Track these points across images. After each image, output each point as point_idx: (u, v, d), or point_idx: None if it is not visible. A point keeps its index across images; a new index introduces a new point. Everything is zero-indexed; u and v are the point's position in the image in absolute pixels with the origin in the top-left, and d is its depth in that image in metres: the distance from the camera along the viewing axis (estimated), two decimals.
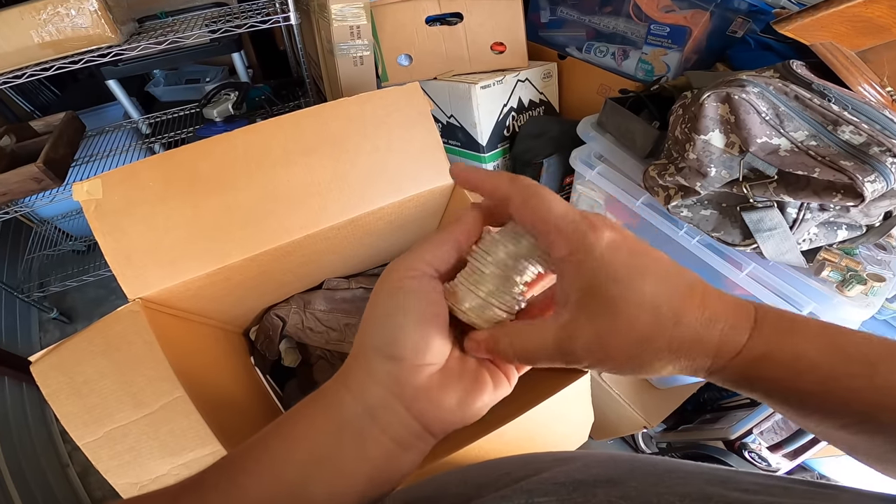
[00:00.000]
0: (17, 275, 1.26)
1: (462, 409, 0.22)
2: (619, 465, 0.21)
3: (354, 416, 0.22)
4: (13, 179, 0.89)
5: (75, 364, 0.42)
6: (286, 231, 0.51)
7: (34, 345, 1.24)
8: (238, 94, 1.00)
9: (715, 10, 0.71)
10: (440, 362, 0.22)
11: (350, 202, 0.53)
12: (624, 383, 0.83)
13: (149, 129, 1.26)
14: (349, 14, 0.74)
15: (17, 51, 0.81)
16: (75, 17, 0.80)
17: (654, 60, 0.78)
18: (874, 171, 0.47)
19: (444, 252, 0.23)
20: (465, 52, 0.83)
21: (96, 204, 0.48)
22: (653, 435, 0.96)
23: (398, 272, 0.22)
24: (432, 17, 0.81)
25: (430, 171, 0.57)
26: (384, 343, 0.21)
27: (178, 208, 0.49)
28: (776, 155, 0.50)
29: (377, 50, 0.81)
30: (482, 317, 0.23)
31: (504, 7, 0.83)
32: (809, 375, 0.18)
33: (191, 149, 0.51)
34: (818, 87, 0.50)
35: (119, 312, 0.45)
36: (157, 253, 0.48)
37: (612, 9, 0.82)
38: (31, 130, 1.08)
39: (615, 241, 0.20)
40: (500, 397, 0.23)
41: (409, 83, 0.57)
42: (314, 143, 0.52)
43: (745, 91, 0.49)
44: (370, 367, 0.22)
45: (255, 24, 0.91)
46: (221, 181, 0.50)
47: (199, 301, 0.54)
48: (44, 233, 1.32)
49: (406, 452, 0.22)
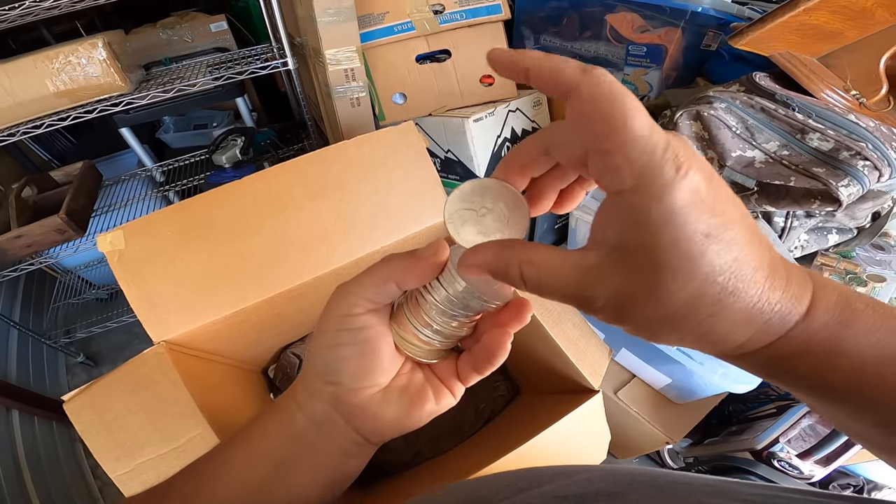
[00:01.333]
0: (44, 322, 1.31)
1: (401, 420, 0.24)
2: (619, 478, 0.21)
3: (304, 429, 0.25)
4: (38, 231, 0.93)
5: (105, 402, 0.45)
6: (297, 274, 0.53)
7: (62, 387, 1.28)
8: (244, 139, 1.05)
9: (686, 26, 0.73)
10: (382, 383, 0.24)
11: (356, 243, 0.55)
12: (641, 401, 0.83)
13: (162, 176, 1.31)
14: (343, 58, 0.78)
15: (34, 100, 0.84)
16: (86, 66, 0.84)
17: (636, 80, 0.82)
18: (847, 175, 0.49)
19: (385, 290, 0.23)
20: (457, 87, 0.87)
21: (119, 255, 0.51)
22: (679, 450, 0.95)
23: (340, 309, 0.23)
24: (422, 55, 0.85)
25: (431, 208, 0.59)
26: (326, 371, 0.24)
27: (196, 256, 0.52)
28: (752, 167, 0.52)
29: (372, 90, 0.85)
30: (422, 350, 0.24)
31: (489, 40, 0.87)
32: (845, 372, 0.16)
33: (204, 198, 0.54)
34: (781, 97, 0.52)
35: (145, 355, 0.48)
36: (177, 299, 0.51)
37: (591, 33, 0.85)
38: (52, 181, 1.13)
39: (699, 195, 0.15)
40: (445, 409, 0.25)
41: (404, 122, 0.60)
42: (318, 187, 0.55)
43: (713, 107, 0.52)
44: (314, 389, 0.24)
45: (255, 70, 0.96)
46: (234, 228, 0.53)
47: (219, 342, 0.57)
48: (68, 282, 1.37)
49: (350, 458, 0.25)
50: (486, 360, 0.24)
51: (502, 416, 0.68)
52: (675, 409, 0.83)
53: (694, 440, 0.94)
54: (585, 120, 0.16)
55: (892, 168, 0.50)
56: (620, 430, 0.87)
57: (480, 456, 0.51)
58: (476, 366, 0.24)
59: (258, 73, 0.96)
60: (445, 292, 0.22)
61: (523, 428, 0.53)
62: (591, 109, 0.16)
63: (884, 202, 0.55)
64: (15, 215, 0.96)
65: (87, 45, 0.82)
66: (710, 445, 0.89)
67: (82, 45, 0.82)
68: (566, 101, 0.17)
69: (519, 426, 0.57)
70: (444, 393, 0.25)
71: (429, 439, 0.68)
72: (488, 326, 0.24)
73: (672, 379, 0.78)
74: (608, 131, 0.15)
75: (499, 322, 0.24)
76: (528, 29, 0.97)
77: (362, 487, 0.68)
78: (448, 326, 0.24)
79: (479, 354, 0.24)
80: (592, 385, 0.53)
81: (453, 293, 0.22)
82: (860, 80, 0.56)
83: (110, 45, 0.85)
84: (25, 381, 1.16)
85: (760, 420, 0.83)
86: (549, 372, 0.57)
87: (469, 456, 0.59)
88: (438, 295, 0.23)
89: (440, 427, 0.69)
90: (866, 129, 0.50)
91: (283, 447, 0.25)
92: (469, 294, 0.22)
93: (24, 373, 1.18)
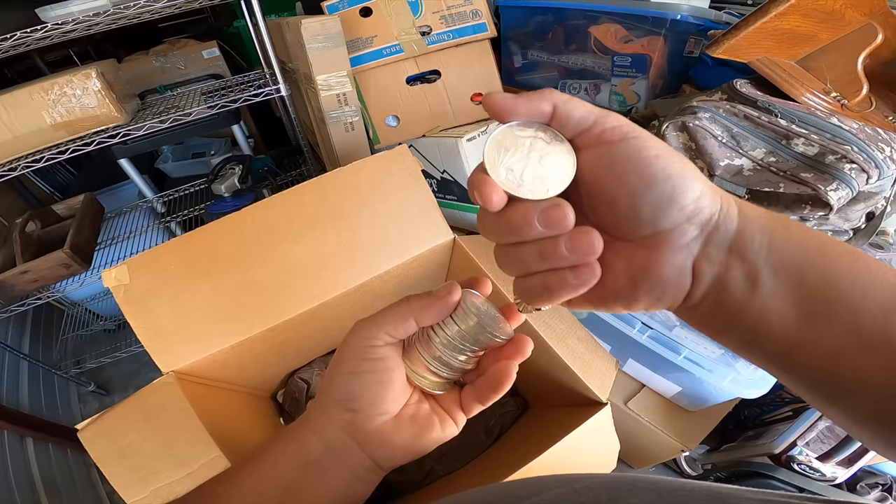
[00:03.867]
0: (53, 354, 1.32)
1: (411, 447, 0.26)
2: (620, 485, 0.22)
3: (317, 455, 0.26)
4: (44, 266, 0.94)
5: (118, 430, 0.46)
6: (300, 302, 0.54)
7: (75, 415, 1.29)
8: (242, 167, 1.06)
9: (667, 34, 0.74)
10: (394, 412, 0.26)
11: (357, 269, 0.56)
12: (653, 410, 0.83)
13: (163, 207, 1.32)
14: (334, 83, 0.80)
15: (32, 132, 0.84)
16: (82, 98, 0.84)
17: (624, 91, 0.83)
18: (834, 179, 0.49)
19: (404, 326, 0.26)
20: (448, 107, 0.88)
21: (125, 289, 0.52)
22: (696, 457, 0.95)
23: (363, 340, 0.26)
24: (412, 76, 0.86)
25: (429, 230, 0.59)
26: (345, 398, 0.26)
27: (200, 288, 0.53)
28: (741, 175, 0.53)
29: (365, 114, 0.87)
30: (431, 382, 0.27)
31: (477, 58, 0.89)
32: (813, 246, 0.19)
33: (205, 231, 0.55)
34: (763, 103, 0.53)
35: (155, 384, 0.49)
36: (184, 330, 0.52)
37: (576, 46, 0.87)
38: (55, 215, 1.14)
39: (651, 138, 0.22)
40: (449, 437, 0.27)
41: (398, 145, 0.61)
42: (317, 215, 0.56)
43: (697, 118, 0.52)
44: (331, 415, 0.26)
45: (248, 97, 0.97)
46: (236, 259, 0.54)
47: (227, 370, 0.58)
48: (75, 314, 1.39)
49: (361, 483, 0.27)
50: (491, 390, 0.26)
51: (512, 431, 0.69)
52: (688, 416, 0.83)
53: (711, 446, 0.92)
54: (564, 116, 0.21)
55: (879, 169, 0.51)
56: (634, 440, 0.87)
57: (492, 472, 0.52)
58: (480, 396, 0.27)
59: (252, 100, 0.97)
60: (458, 327, 0.26)
61: (533, 443, 0.53)
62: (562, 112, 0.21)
63: (876, 202, 0.55)
64: (20, 251, 0.97)
65: (81, 75, 0.83)
66: (727, 451, 0.88)
67: (76, 76, 0.82)
68: None
69: (529, 441, 0.58)
70: (448, 422, 0.27)
71: (440, 457, 0.68)
72: (492, 361, 0.27)
73: (682, 387, 0.78)
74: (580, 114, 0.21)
75: (503, 356, 0.27)
76: (515, 45, 0.98)
77: None
78: (456, 360, 0.26)
79: (484, 384, 0.27)
80: (600, 398, 0.53)
81: (465, 328, 0.25)
82: (839, 82, 0.57)
83: (104, 76, 0.85)
84: (38, 411, 1.17)
85: (777, 423, 0.83)
86: (557, 386, 0.58)
87: (480, 473, 0.59)
88: (451, 330, 0.26)
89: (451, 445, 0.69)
90: (849, 131, 0.50)
91: (293, 471, 0.26)
92: (479, 329, 0.25)
93: (36, 403, 1.19)
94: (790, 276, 0.19)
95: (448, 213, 0.92)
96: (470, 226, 0.92)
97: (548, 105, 0.21)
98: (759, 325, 0.20)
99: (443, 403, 0.28)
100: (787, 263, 0.20)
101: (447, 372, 0.27)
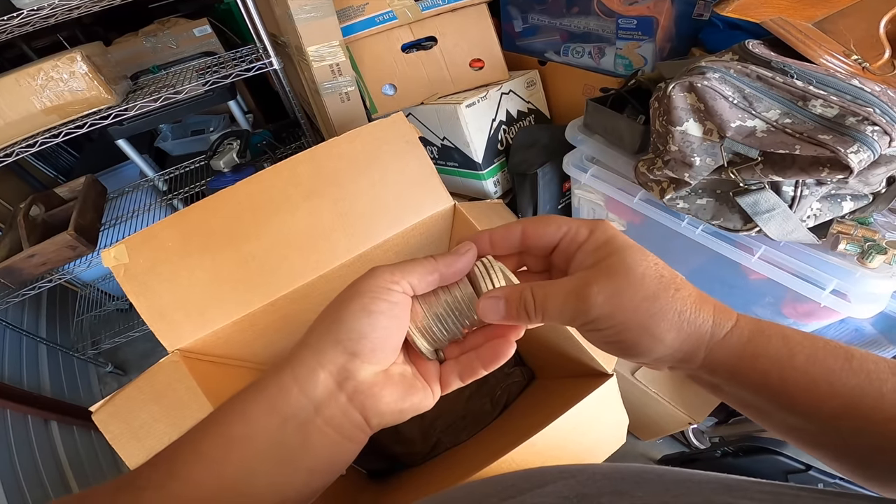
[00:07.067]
0: (70, 336, 1.35)
1: (397, 405, 0.25)
2: (625, 476, 0.22)
3: (299, 409, 0.23)
4: (50, 249, 0.95)
5: (129, 411, 0.47)
6: (300, 275, 0.53)
7: (96, 396, 1.33)
8: (240, 142, 1.05)
9: None
10: (387, 364, 0.25)
11: (356, 239, 0.55)
12: (661, 382, 0.83)
13: (165, 185, 1.32)
14: (326, 53, 0.77)
15: (23, 118, 0.84)
16: (69, 81, 0.84)
17: (629, 54, 0.79)
18: (855, 141, 0.47)
19: (429, 280, 0.26)
20: (447, 74, 0.85)
21: (125, 268, 0.52)
22: (704, 430, 0.95)
23: (385, 280, 0.25)
24: (407, 44, 0.83)
25: (428, 198, 0.58)
26: (347, 337, 0.23)
27: (198, 264, 0.52)
28: (754, 137, 0.50)
29: (361, 84, 0.84)
30: (428, 342, 0.27)
31: (473, 23, 0.85)
32: (800, 351, 0.21)
33: (200, 206, 0.54)
34: (777, 64, 0.50)
35: (161, 363, 0.49)
36: (185, 307, 0.52)
37: (579, 9, 0.83)
38: (58, 198, 1.15)
39: (620, 233, 0.25)
40: (425, 408, 0.26)
41: (394, 113, 0.59)
42: (313, 186, 0.55)
43: (706, 78, 0.49)
44: (323, 357, 0.24)
45: (240, 73, 0.95)
46: (233, 234, 0.53)
47: (231, 347, 0.58)
48: (88, 295, 1.42)
49: (347, 442, 0.25)
50: (482, 364, 0.27)
51: (518, 402, 0.69)
52: (696, 388, 0.81)
53: (719, 419, 0.92)
54: (537, 237, 0.26)
55: None
56: (642, 412, 0.87)
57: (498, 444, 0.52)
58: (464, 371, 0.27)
59: (244, 75, 0.95)
60: (470, 289, 0.27)
61: (539, 414, 0.53)
62: (533, 233, 0.27)
63: None
64: (25, 235, 0.98)
65: (66, 59, 0.82)
66: (735, 424, 0.88)
67: (61, 60, 0.82)
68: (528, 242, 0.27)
69: (535, 413, 0.58)
70: (427, 391, 0.27)
71: (447, 429, 0.69)
72: (482, 340, 0.28)
73: None
74: (555, 229, 0.26)
75: (498, 333, 0.27)
76: (514, 8, 0.94)
77: (381, 481, 0.70)
78: (455, 325, 0.27)
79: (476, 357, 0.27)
80: (605, 369, 0.52)
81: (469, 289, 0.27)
82: (860, 45, 0.54)
83: (90, 58, 0.84)
84: (60, 394, 1.20)
85: None
86: (562, 357, 0.57)
87: (487, 445, 0.59)
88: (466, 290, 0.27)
89: (457, 416, 0.70)
90: (872, 93, 0.47)
91: (268, 434, 0.23)
92: None
93: (57, 386, 1.22)
94: (753, 390, 0.22)
95: (449, 179, 0.91)
96: (472, 192, 0.90)
97: None
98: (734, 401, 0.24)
99: (423, 372, 0.27)
100: (746, 385, 0.22)
101: (443, 333, 0.27)
